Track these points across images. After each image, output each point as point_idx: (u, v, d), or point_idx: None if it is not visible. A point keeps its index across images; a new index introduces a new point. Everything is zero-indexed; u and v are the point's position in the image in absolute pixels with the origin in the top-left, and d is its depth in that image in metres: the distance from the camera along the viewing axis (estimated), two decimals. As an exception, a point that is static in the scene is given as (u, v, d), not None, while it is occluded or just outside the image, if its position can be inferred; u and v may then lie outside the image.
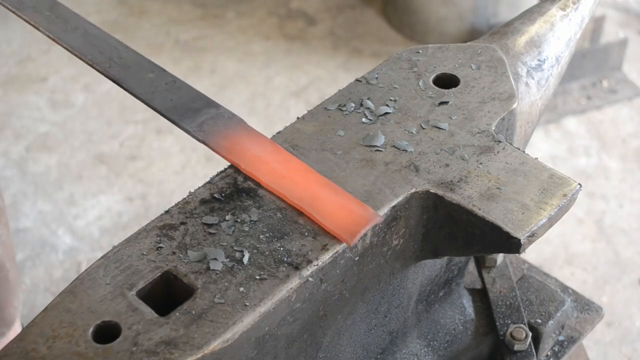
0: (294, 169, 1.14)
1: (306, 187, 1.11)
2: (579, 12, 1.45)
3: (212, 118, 1.21)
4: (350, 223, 1.06)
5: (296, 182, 1.12)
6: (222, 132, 1.19)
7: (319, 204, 1.09)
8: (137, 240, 1.06)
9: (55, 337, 0.95)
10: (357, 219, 1.06)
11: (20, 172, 3.40)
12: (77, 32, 1.34)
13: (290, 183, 1.12)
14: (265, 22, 4.28)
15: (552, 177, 1.13)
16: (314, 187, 1.11)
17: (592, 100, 3.81)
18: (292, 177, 1.13)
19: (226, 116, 1.21)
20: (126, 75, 1.27)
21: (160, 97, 1.25)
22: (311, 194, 1.10)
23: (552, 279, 1.68)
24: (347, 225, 1.06)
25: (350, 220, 1.06)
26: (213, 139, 1.18)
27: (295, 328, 1.06)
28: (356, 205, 1.08)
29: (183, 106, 1.23)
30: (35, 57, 4.05)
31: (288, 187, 1.11)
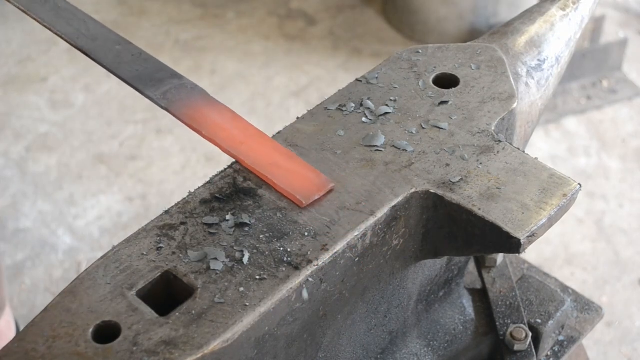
0: (252, 136, 1.19)
1: (264, 153, 1.16)
2: (579, 12, 1.45)
3: (176, 88, 1.25)
4: (305, 187, 1.11)
5: (254, 149, 1.17)
6: (184, 101, 1.24)
7: (275, 169, 1.13)
8: (137, 240, 1.06)
9: (55, 337, 0.95)
10: (312, 184, 1.11)
11: (20, 172, 3.40)
12: (47, 5, 1.37)
13: (248, 149, 1.17)
14: (265, 22, 4.28)
15: (552, 177, 1.13)
16: (271, 153, 1.16)
17: (592, 100, 3.81)
18: (250, 143, 1.18)
19: (189, 87, 1.26)
20: (94, 47, 1.31)
21: (126, 67, 1.29)
22: (268, 160, 1.15)
23: (552, 279, 1.68)
24: (301, 189, 1.11)
25: (305, 185, 1.11)
26: (176, 107, 1.23)
27: (295, 328, 1.06)
28: (311, 172, 1.13)
29: (148, 76, 1.27)
30: (35, 57, 4.05)
31: (245, 152, 1.16)
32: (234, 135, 1.19)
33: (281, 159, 1.15)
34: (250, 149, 1.16)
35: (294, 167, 1.13)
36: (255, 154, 1.16)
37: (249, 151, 1.16)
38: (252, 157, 1.15)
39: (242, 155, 1.16)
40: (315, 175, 1.12)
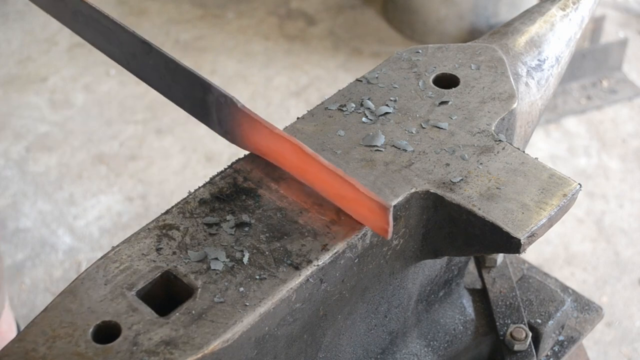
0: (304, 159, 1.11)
1: (324, 180, 1.10)
2: (579, 12, 1.45)
3: (221, 111, 1.17)
4: (373, 218, 1.05)
5: (314, 175, 1.10)
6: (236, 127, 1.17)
7: (343, 201, 1.08)
8: (137, 240, 1.06)
9: (55, 337, 0.95)
10: (375, 213, 1.05)
11: (20, 172, 3.40)
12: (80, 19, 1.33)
13: (310, 176, 1.11)
14: (265, 22, 4.28)
15: (552, 177, 1.13)
16: (329, 180, 1.09)
17: (592, 100, 3.81)
18: (307, 168, 1.11)
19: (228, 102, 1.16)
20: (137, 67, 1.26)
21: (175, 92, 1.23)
22: (334, 191, 1.09)
23: (552, 279, 1.68)
24: (373, 220, 1.05)
25: (371, 215, 1.05)
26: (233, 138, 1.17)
27: (295, 328, 1.06)
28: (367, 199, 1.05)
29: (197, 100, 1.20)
30: (35, 57, 4.05)
31: (312, 182, 1.11)
32: (292, 162, 1.12)
33: (340, 187, 1.07)
34: (314, 179, 1.11)
35: (354, 195, 1.06)
36: (321, 184, 1.10)
37: (314, 181, 1.11)
38: (320, 188, 1.11)
39: (315, 187, 1.11)
40: (372, 202, 1.04)
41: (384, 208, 1.01)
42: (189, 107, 1.22)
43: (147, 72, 1.24)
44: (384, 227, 1.03)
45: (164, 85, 1.23)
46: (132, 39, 1.22)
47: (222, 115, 1.16)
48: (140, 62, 1.24)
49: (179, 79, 1.19)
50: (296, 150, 1.10)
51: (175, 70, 1.19)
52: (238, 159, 1.18)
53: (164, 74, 1.21)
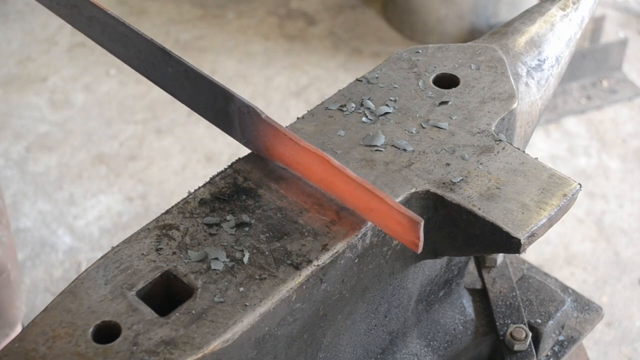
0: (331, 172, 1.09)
1: (354, 195, 1.08)
2: (579, 12, 1.45)
3: (243, 120, 1.16)
4: (404, 230, 1.03)
5: (343, 190, 1.09)
6: (259, 137, 1.15)
7: (372, 214, 1.06)
8: (137, 240, 1.06)
9: (55, 337, 0.95)
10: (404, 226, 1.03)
11: (20, 172, 3.40)
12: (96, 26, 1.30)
13: (339, 190, 1.09)
14: (265, 22, 4.28)
15: (552, 177, 1.13)
16: (358, 194, 1.07)
17: (592, 100, 3.81)
18: (334, 181, 1.09)
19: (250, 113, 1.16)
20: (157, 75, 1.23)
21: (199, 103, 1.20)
22: (363, 205, 1.07)
23: (552, 279, 1.68)
24: (403, 233, 1.03)
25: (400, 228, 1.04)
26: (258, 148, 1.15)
27: (295, 328, 1.06)
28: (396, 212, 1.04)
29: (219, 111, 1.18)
30: (35, 57, 4.05)
31: (342, 196, 1.09)
32: (318, 174, 1.11)
33: (369, 200, 1.06)
34: (342, 191, 1.09)
35: (384, 208, 1.04)
36: (349, 197, 1.08)
37: (342, 194, 1.09)
38: (348, 201, 1.09)
39: (342, 200, 1.09)
40: (402, 216, 1.03)
41: (415, 223, 1.00)
42: (210, 116, 1.20)
43: (167, 80, 1.22)
44: (414, 242, 1.02)
45: (185, 95, 1.21)
46: (150, 46, 1.20)
47: (244, 125, 1.15)
48: (160, 71, 1.22)
49: (200, 88, 1.18)
50: (323, 162, 1.08)
51: (195, 79, 1.17)
52: (238, 159, 1.18)
53: (184, 83, 1.19)
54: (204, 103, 1.19)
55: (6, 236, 2.20)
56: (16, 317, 2.34)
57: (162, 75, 1.22)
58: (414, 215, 1.00)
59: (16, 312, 2.34)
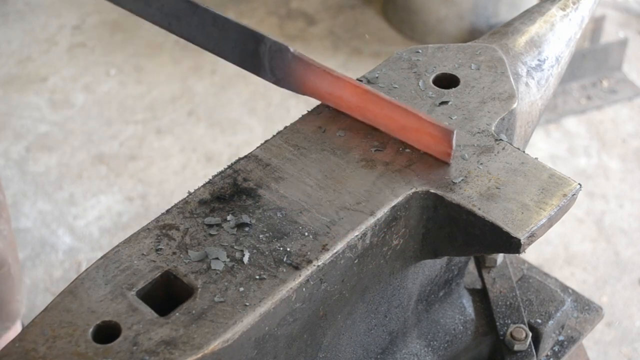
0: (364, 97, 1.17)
1: (387, 116, 1.15)
2: (579, 12, 1.45)
3: (273, 59, 1.23)
4: (436, 143, 1.12)
5: (376, 113, 1.16)
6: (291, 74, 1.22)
7: (406, 132, 1.14)
8: (137, 240, 1.06)
9: (55, 337, 0.95)
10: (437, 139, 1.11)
11: (20, 172, 3.40)
12: None
13: (371, 115, 1.17)
14: (265, 22, 4.28)
15: (552, 177, 1.13)
16: (392, 115, 1.15)
17: (592, 100, 3.81)
18: (369, 106, 1.17)
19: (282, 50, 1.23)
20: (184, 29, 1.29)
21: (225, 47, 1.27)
22: (396, 125, 1.15)
23: (552, 279, 1.68)
24: (435, 145, 1.12)
25: (434, 141, 1.12)
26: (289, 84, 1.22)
27: (295, 328, 1.06)
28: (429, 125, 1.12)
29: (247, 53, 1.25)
30: (35, 57, 4.05)
31: (373, 119, 1.17)
32: (351, 102, 1.18)
33: (402, 118, 1.14)
34: (373, 115, 1.16)
35: (417, 124, 1.12)
36: (383, 120, 1.15)
37: (375, 117, 1.16)
38: (381, 124, 1.16)
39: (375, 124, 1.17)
40: (435, 128, 1.11)
41: (447, 132, 1.08)
42: (238, 59, 1.26)
43: (192, 31, 1.28)
44: (447, 152, 1.11)
45: (212, 42, 1.27)
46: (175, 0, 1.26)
47: (274, 63, 1.22)
48: (185, 22, 1.27)
49: (229, 33, 1.24)
50: (355, 89, 1.16)
51: (224, 26, 1.24)
52: (238, 159, 1.18)
53: (212, 31, 1.26)
54: (232, 48, 1.25)
55: (7, 230, 2.20)
56: (17, 310, 2.35)
57: (187, 27, 1.28)
58: (447, 125, 1.09)
59: (17, 306, 2.34)
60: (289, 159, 1.17)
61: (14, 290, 2.30)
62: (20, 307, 2.37)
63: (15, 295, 2.32)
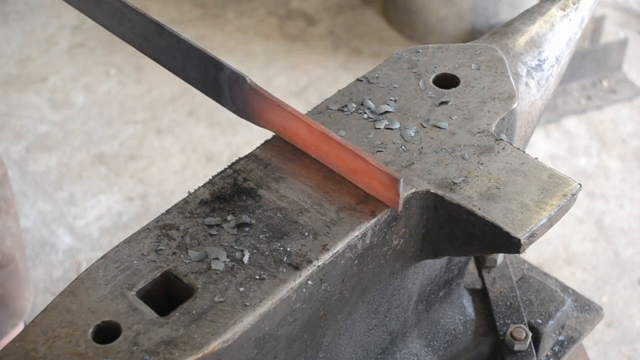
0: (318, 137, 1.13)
1: (338, 157, 1.12)
2: (579, 12, 1.45)
3: (233, 88, 1.19)
4: (383, 190, 1.08)
5: (328, 153, 1.13)
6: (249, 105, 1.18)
7: (355, 175, 1.11)
8: (137, 240, 1.06)
9: (55, 337, 0.95)
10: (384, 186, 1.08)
11: (20, 172, 3.40)
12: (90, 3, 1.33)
13: (323, 154, 1.14)
14: (265, 22, 4.28)
15: (552, 177, 1.13)
16: (342, 156, 1.12)
17: (592, 100, 3.81)
18: (321, 146, 1.13)
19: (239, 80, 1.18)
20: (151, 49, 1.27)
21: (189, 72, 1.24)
22: (346, 166, 1.12)
23: (552, 279, 1.68)
24: (383, 192, 1.08)
25: (381, 188, 1.09)
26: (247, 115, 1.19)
27: (295, 328, 1.06)
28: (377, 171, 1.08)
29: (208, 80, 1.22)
30: (35, 57, 4.05)
31: (325, 159, 1.14)
32: (305, 139, 1.15)
33: (351, 161, 1.10)
34: (326, 155, 1.13)
35: (365, 168, 1.09)
36: (334, 160, 1.12)
37: (327, 157, 1.13)
38: (332, 164, 1.13)
39: (328, 164, 1.14)
40: (382, 174, 1.07)
41: (394, 180, 1.05)
42: (202, 86, 1.24)
43: (160, 53, 1.26)
44: (394, 199, 1.07)
45: (178, 66, 1.25)
46: (144, 20, 1.24)
47: (234, 93, 1.19)
48: (153, 44, 1.26)
49: (192, 59, 1.21)
50: (308, 127, 1.13)
51: (187, 51, 1.21)
52: (238, 159, 1.18)
53: (177, 55, 1.23)
54: (195, 74, 1.23)
55: (15, 227, 2.21)
56: (24, 307, 2.35)
57: (155, 49, 1.26)
58: (394, 173, 1.05)
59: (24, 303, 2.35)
60: (289, 159, 1.17)
61: (21, 287, 2.31)
62: (27, 304, 2.37)
63: (23, 292, 2.32)
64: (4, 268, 2.21)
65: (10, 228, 2.18)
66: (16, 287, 2.28)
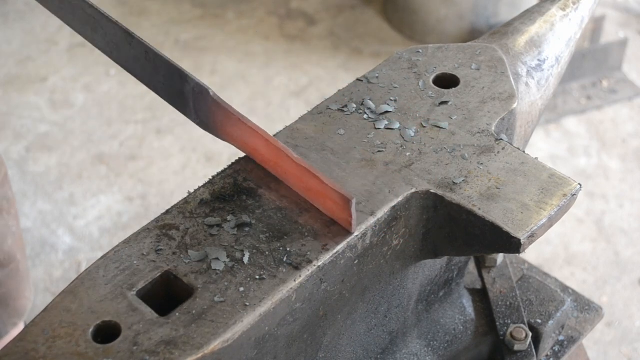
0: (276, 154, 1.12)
1: (294, 175, 1.11)
2: (579, 12, 1.45)
3: (197, 101, 1.18)
4: (337, 210, 1.06)
5: (286, 171, 1.12)
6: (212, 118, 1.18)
7: (310, 194, 1.10)
8: (137, 240, 1.06)
9: (55, 337, 0.95)
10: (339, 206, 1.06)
11: (20, 172, 3.40)
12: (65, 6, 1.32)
13: (282, 171, 1.13)
14: (265, 22, 4.28)
15: (552, 177, 1.13)
16: (298, 174, 1.11)
17: (592, 100, 3.81)
18: (279, 162, 1.12)
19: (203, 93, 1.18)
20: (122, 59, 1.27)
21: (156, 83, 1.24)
22: (302, 185, 1.10)
23: (552, 279, 1.68)
24: (337, 212, 1.06)
25: (336, 208, 1.07)
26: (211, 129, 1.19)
27: (295, 328, 1.06)
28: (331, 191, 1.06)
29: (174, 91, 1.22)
30: (35, 57, 4.05)
31: (284, 177, 1.13)
32: (264, 155, 1.14)
33: (307, 180, 1.09)
34: (283, 172, 1.12)
35: (320, 188, 1.07)
36: (291, 178, 1.11)
37: (284, 174, 1.12)
38: (290, 182, 1.12)
39: (285, 181, 1.13)
40: (335, 194, 1.05)
41: (346, 200, 1.03)
42: (168, 97, 1.23)
43: (130, 62, 1.25)
44: (347, 220, 1.05)
45: (146, 76, 1.24)
46: (115, 28, 1.24)
47: (198, 105, 1.18)
48: (123, 52, 1.25)
49: (159, 69, 1.20)
50: (266, 143, 1.11)
51: (154, 60, 1.20)
52: (238, 159, 1.18)
53: (145, 64, 1.22)
54: (162, 84, 1.22)
55: (15, 226, 2.21)
56: (25, 307, 2.36)
57: (126, 57, 1.26)
58: (346, 193, 1.03)
59: (25, 302, 2.35)
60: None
61: (22, 287, 2.31)
62: (28, 303, 2.37)
63: (24, 291, 2.33)
64: (5, 267, 2.21)
65: (12, 227, 2.19)
66: (17, 287, 2.29)
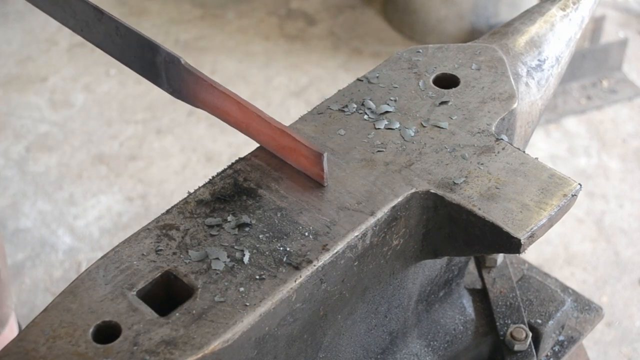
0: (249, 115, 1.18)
1: (268, 136, 1.16)
2: (579, 12, 1.45)
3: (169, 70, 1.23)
4: (310, 166, 1.13)
5: (259, 132, 1.17)
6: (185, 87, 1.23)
7: (285, 151, 1.15)
8: (137, 240, 1.06)
9: (55, 337, 0.95)
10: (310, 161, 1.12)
11: (20, 172, 3.40)
12: None
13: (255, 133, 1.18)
14: (265, 22, 4.28)
15: (552, 177, 1.13)
16: (272, 134, 1.16)
17: (592, 100, 3.81)
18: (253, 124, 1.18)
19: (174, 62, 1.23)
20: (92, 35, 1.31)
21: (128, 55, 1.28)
22: (276, 144, 1.16)
23: (552, 279, 1.68)
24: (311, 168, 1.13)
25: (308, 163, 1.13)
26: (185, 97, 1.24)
27: (296, 328, 1.06)
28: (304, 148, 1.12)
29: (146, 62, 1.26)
30: (35, 57, 4.05)
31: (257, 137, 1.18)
32: (237, 117, 1.19)
33: (280, 138, 1.15)
34: (257, 133, 1.17)
35: (292, 144, 1.14)
36: (264, 138, 1.17)
37: (257, 135, 1.17)
38: (264, 142, 1.18)
39: (259, 141, 1.18)
40: (307, 150, 1.12)
41: (318, 155, 1.10)
42: (140, 69, 1.28)
43: (101, 38, 1.30)
44: (319, 174, 1.12)
45: (117, 50, 1.29)
46: (84, 6, 1.28)
47: (170, 74, 1.23)
48: (94, 29, 1.29)
49: (130, 42, 1.26)
50: (238, 105, 1.17)
51: (125, 34, 1.25)
52: (238, 159, 1.18)
53: (116, 39, 1.27)
54: (133, 57, 1.28)
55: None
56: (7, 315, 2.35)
57: (96, 34, 1.30)
58: (318, 148, 1.11)
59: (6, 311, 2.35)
60: (289, 159, 1.17)
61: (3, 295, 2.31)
62: (9, 311, 2.37)
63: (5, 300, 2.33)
64: None
65: None
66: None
